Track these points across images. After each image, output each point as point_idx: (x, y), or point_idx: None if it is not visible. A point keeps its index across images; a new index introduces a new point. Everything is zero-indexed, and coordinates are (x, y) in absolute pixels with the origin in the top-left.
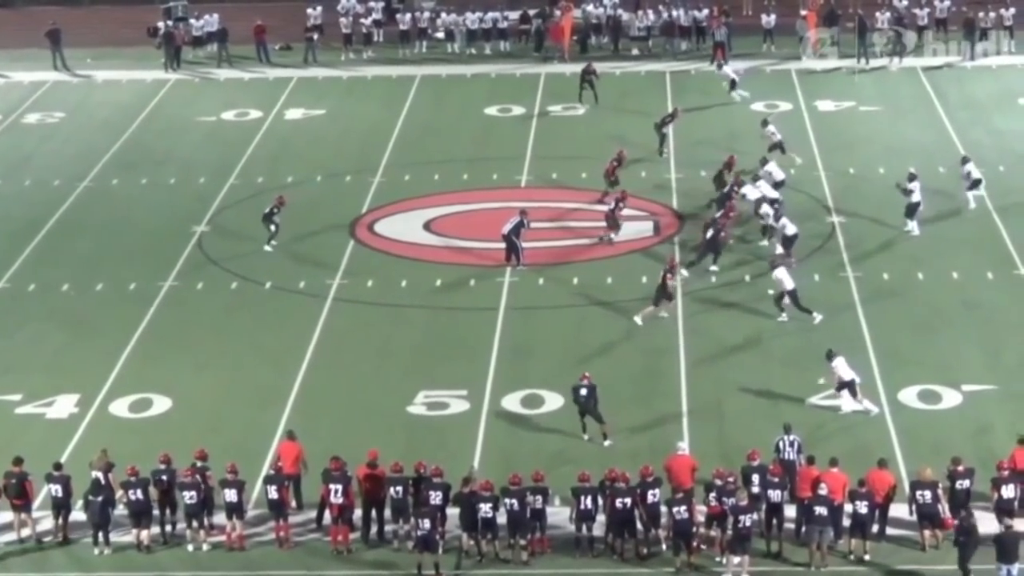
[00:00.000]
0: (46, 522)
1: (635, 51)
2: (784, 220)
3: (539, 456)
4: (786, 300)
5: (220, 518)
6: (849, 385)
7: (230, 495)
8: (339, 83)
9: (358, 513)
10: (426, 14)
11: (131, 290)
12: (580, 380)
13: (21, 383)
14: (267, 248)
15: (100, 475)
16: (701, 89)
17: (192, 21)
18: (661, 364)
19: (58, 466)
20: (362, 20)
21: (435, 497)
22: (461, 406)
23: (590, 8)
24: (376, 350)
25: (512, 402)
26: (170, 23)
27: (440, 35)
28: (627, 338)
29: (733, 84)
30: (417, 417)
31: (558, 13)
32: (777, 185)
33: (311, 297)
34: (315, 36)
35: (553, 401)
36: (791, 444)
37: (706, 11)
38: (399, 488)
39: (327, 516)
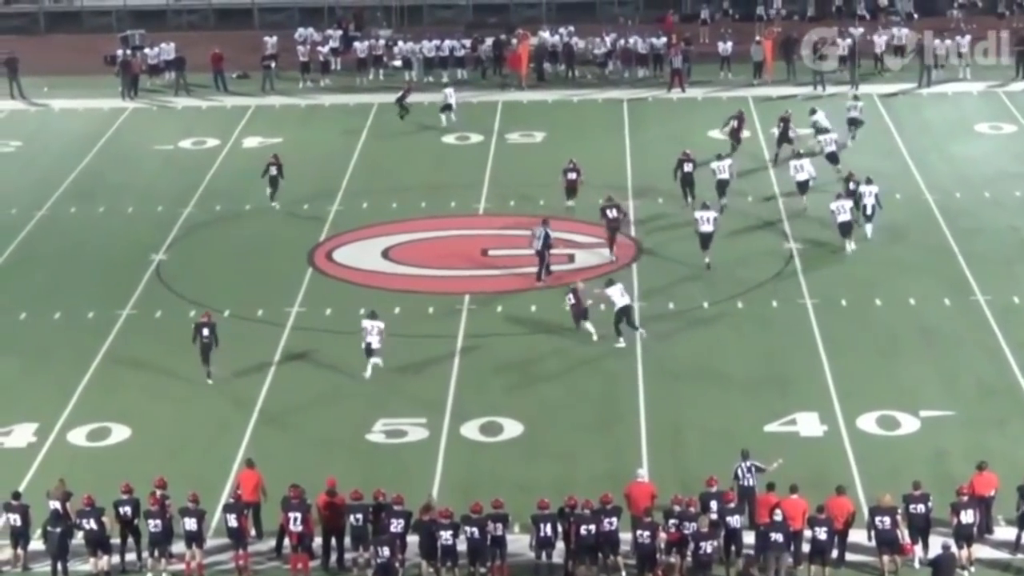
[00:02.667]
0: (5, 551)
1: (588, 76)
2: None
3: (498, 483)
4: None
5: (180, 547)
6: (626, 311)
7: (190, 524)
8: (296, 111)
9: (318, 541)
10: (382, 42)
11: (89, 319)
12: None
13: None
14: (274, 205)
15: (58, 505)
16: (657, 116)
17: (148, 50)
18: (619, 390)
19: (16, 495)
20: (319, 48)
21: (396, 525)
22: (420, 434)
23: (545, 35)
24: (334, 378)
25: (471, 429)
26: (127, 52)
27: (397, 63)
28: (585, 365)
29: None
30: (376, 445)
31: (515, 41)
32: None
33: (270, 325)
34: (272, 64)
35: (512, 428)
36: (749, 470)
37: (664, 39)
38: (359, 516)
39: (287, 544)
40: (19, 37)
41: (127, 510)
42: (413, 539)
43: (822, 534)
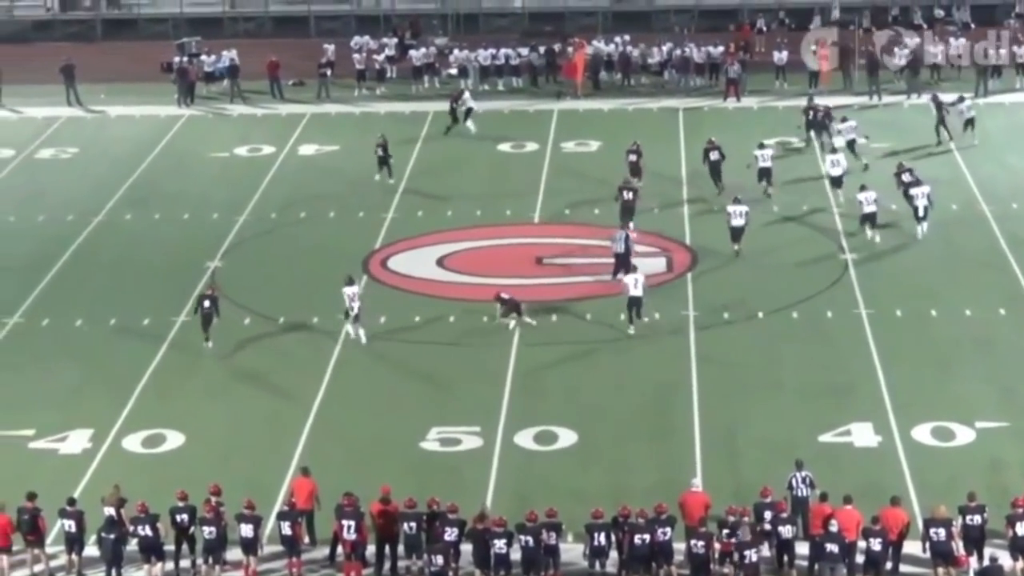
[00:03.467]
0: (59, 558)
1: (644, 83)
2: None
3: (552, 492)
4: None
5: (233, 554)
6: (635, 302)
7: (246, 530)
8: (352, 119)
9: (371, 549)
10: (435, 50)
11: (144, 325)
12: None
13: (34, 418)
14: (390, 182)
15: (113, 511)
16: (713, 126)
17: (205, 57)
18: (674, 400)
19: (71, 501)
20: (375, 56)
21: (449, 533)
22: (474, 442)
23: (601, 44)
24: (389, 386)
25: (525, 438)
26: (184, 59)
27: (453, 71)
28: (640, 374)
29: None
30: (430, 453)
31: (570, 50)
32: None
33: (324, 333)
34: (328, 72)
35: (566, 437)
36: (803, 480)
37: (720, 48)
38: (412, 524)
39: (340, 552)
40: (76, 44)
41: (184, 517)
42: (467, 548)
43: (876, 545)
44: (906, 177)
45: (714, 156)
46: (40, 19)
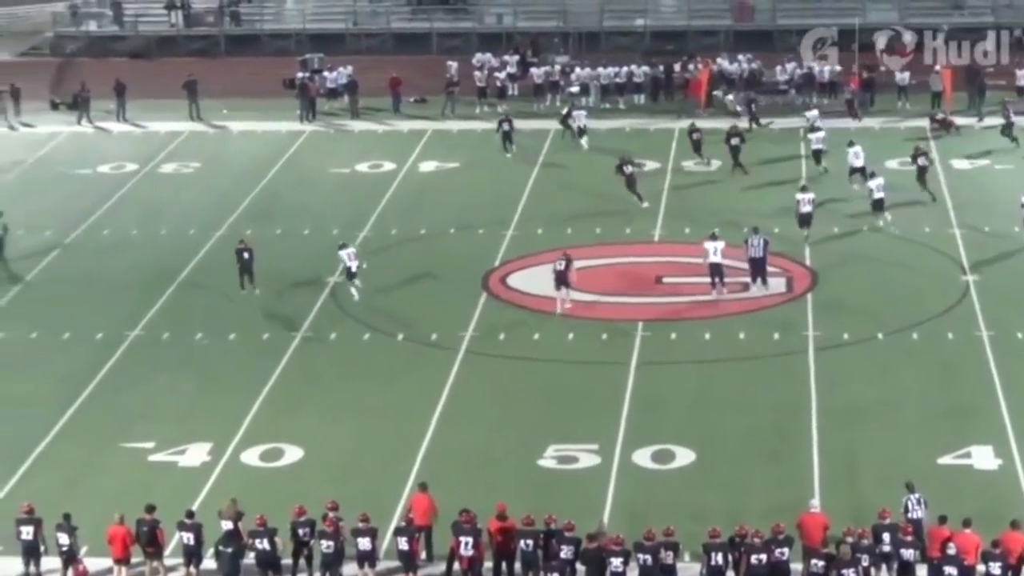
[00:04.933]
0: (178, 570)
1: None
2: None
3: (669, 511)
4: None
5: (350, 568)
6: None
7: (363, 543)
8: (473, 136)
9: (488, 565)
10: (559, 68)
11: (264, 340)
12: None
13: (154, 431)
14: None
15: (230, 524)
16: (834, 146)
17: (327, 73)
18: (793, 420)
19: (190, 514)
20: (496, 74)
21: (566, 551)
22: (591, 460)
23: (724, 63)
24: (507, 403)
25: (643, 456)
26: (305, 75)
27: (574, 89)
28: (758, 393)
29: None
30: (547, 470)
31: (692, 68)
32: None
33: (443, 349)
34: (455, 90)
35: (684, 456)
36: (918, 502)
37: (839, 68)
38: (529, 541)
39: (456, 568)
40: (199, 59)
41: (305, 531)
42: (582, 566)
43: (996, 569)
44: (922, 161)
45: (734, 142)
46: (164, 35)
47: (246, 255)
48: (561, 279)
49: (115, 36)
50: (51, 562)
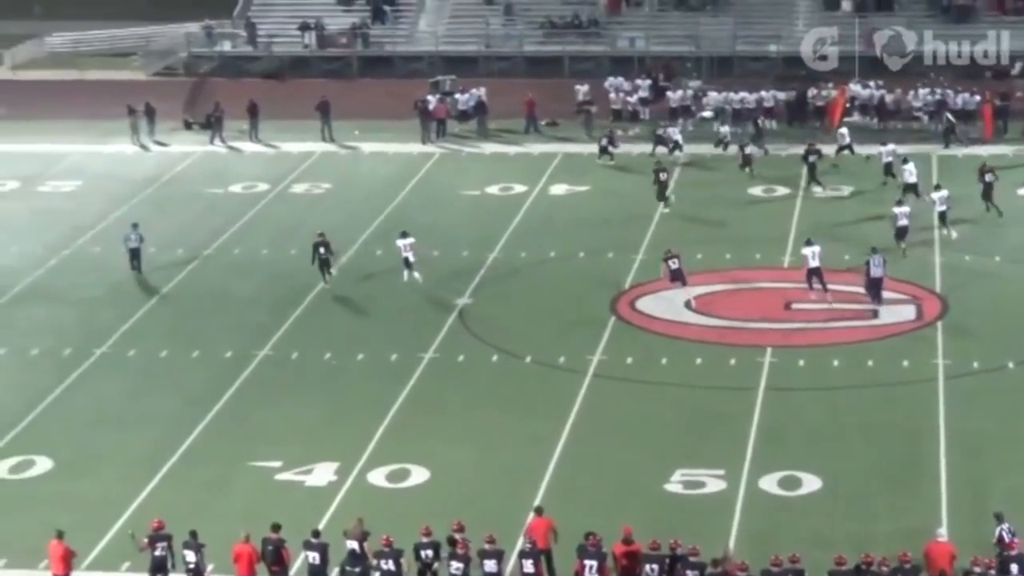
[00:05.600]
0: None
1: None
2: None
3: (795, 538)
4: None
5: None
6: (816, 272)
7: (489, 566)
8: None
9: None
10: (691, 92)
11: (392, 361)
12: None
13: (281, 450)
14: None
15: (356, 545)
16: (966, 172)
17: (457, 96)
18: (921, 448)
19: (316, 533)
20: (628, 98)
21: None
22: (718, 485)
23: (857, 88)
24: (634, 427)
25: (769, 483)
26: (432, 97)
27: (707, 113)
28: (886, 421)
29: None
30: (674, 495)
31: (826, 92)
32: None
33: (571, 372)
34: (592, 109)
35: (811, 483)
36: (1010, 532)
37: (978, 97)
38: (655, 566)
39: None
40: (332, 81)
41: (428, 553)
42: None
43: None
44: (988, 177)
45: (811, 159)
46: (298, 56)
47: (322, 249)
48: (677, 276)
49: (249, 56)
50: None
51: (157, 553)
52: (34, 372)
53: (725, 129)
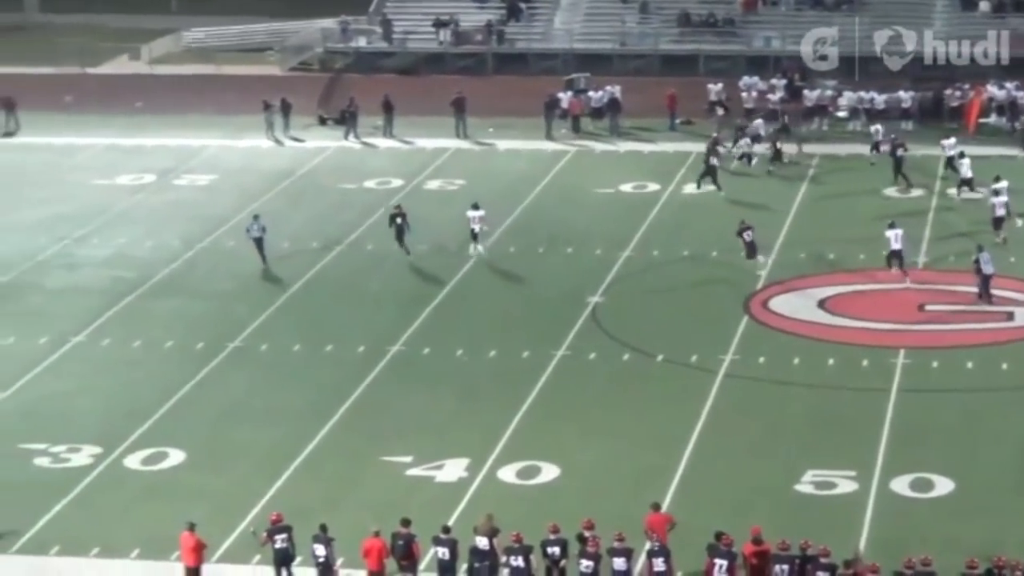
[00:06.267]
0: None
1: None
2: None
3: (926, 540)
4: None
5: None
6: (897, 254)
7: (618, 564)
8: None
9: None
10: (829, 92)
11: (524, 357)
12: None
13: (412, 445)
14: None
15: (485, 541)
16: None
17: (591, 93)
18: None
19: (446, 529)
20: (768, 96)
21: None
22: (849, 486)
23: (994, 89)
24: (765, 427)
25: (901, 485)
26: (564, 95)
27: (843, 114)
28: (1021, 424)
29: None
30: (804, 495)
31: (969, 93)
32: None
33: (703, 372)
34: (719, 111)
35: (943, 485)
36: None
37: None
38: (784, 566)
39: None
40: (467, 77)
41: (555, 550)
42: None
43: None
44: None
45: (899, 152)
46: (433, 52)
47: (398, 220)
48: (751, 249)
49: (384, 53)
50: (307, 573)
51: (278, 545)
52: (168, 364)
53: (876, 128)
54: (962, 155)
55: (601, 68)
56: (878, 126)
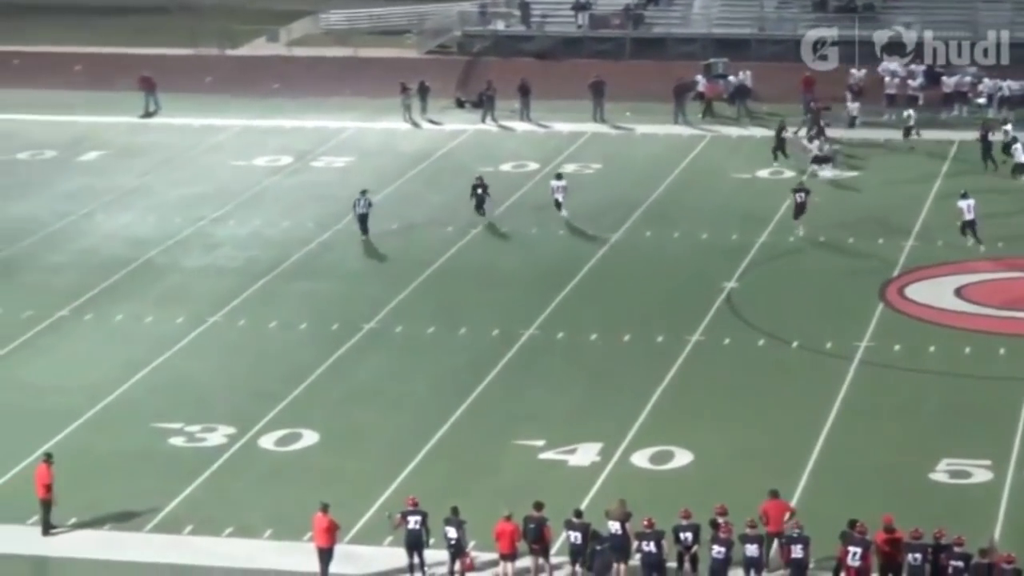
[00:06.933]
0: (563, 568)
1: None
2: None
3: None
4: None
5: (736, 574)
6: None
7: (751, 550)
8: (875, 145)
9: None
10: (968, 79)
11: (658, 342)
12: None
13: (545, 429)
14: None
15: (617, 525)
16: None
17: (732, 78)
18: None
19: (578, 513)
20: (910, 82)
21: (954, 567)
22: (984, 476)
23: None
24: (900, 415)
25: None
26: (701, 77)
27: (982, 100)
28: None
29: None
30: (938, 484)
31: None
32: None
33: (837, 358)
34: (851, 98)
35: None
36: None
37: None
38: (917, 555)
39: None
40: (604, 61)
41: (687, 536)
42: None
43: None
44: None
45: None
46: (570, 36)
47: (479, 191)
48: (800, 209)
49: (522, 36)
50: (438, 555)
51: (410, 527)
52: (302, 346)
53: (909, 113)
54: (1015, 140)
55: (739, 53)
56: (911, 111)
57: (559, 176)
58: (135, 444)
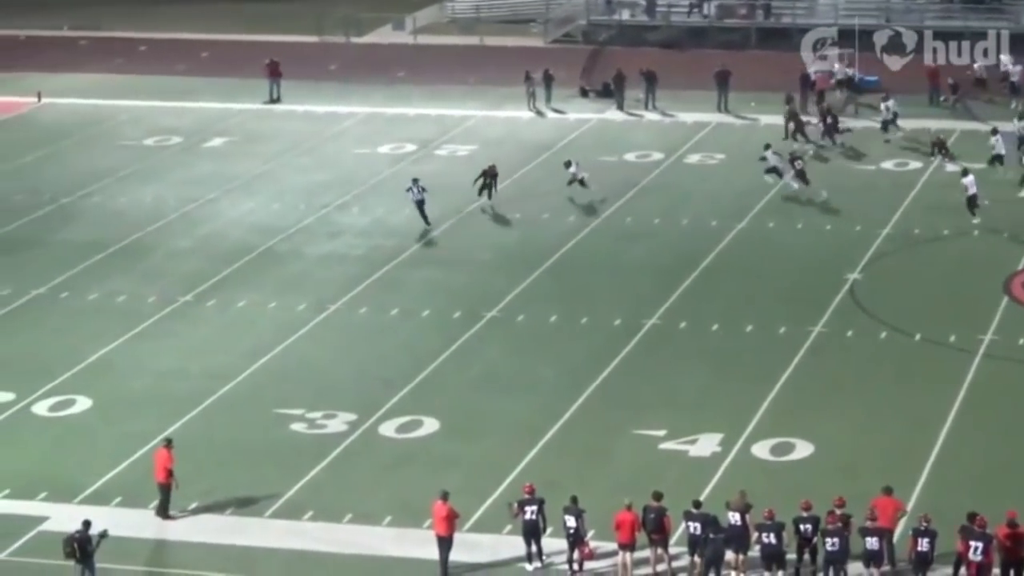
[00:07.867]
0: (681, 559)
1: None
2: None
3: None
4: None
5: (855, 567)
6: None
7: (871, 543)
8: (979, 136)
9: (996, 573)
10: None
11: (780, 333)
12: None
13: (665, 419)
14: None
15: (737, 517)
16: None
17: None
18: None
19: (698, 504)
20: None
21: None
22: None
23: None
24: (1023, 409)
25: None
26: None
27: None
28: None
29: None
30: None
31: None
32: None
33: (960, 352)
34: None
35: None
36: None
37: None
38: None
39: (963, 573)
40: (730, 52)
41: (807, 527)
42: None
43: None
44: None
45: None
46: (696, 26)
47: (487, 179)
48: (800, 176)
49: (647, 26)
50: (557, 544)
51: (527, 517)
52: (424, 333)
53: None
54: (995, 131)
55: (865, 44)
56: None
57: (568, 164)
58: (256, 430)
